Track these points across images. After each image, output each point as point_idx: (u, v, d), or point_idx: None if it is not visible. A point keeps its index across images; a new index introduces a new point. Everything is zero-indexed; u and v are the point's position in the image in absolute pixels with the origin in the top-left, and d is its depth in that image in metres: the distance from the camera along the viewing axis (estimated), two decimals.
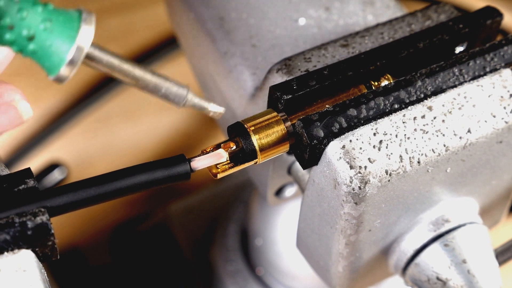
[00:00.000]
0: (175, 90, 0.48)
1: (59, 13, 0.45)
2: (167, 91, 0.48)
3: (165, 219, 0.93)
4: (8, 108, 0.48)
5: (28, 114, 0.48)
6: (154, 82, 0.48)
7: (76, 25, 0.45)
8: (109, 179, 0.49)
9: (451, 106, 0.53)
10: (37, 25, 0.44)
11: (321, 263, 0.59)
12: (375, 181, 0.51)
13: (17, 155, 1.00)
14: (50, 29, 0.45)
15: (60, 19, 0.45)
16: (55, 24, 0.45)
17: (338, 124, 0.51)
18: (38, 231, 0.46)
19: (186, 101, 0.49)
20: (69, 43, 0.45)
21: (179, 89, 0.49)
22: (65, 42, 0.45)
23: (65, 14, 0.45)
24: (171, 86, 0.48)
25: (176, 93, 0.48)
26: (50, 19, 0.45)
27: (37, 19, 0.44)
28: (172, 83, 0.48)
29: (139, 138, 1.03)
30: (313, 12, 0.63)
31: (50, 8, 0.45)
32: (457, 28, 0.56)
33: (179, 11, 0.70)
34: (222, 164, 0.52)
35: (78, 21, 0.45)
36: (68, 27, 0.45)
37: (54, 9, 0.45)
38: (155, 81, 0.48)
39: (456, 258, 0.57)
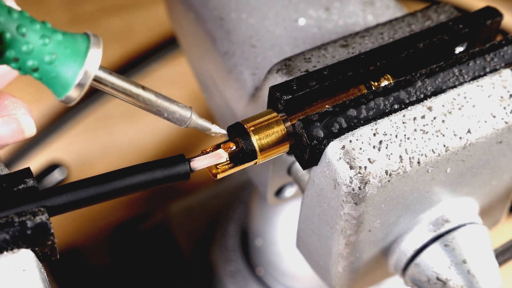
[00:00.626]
0: (180, 111, 0.49)
1: (66, 45, 0.45)
2: (171, 113, 0.49)
3: (165, 219, 0.93)
4: (10, 120, 0.48)
5: (30, 130, 0.49)
6: (159, 104, 0.48)
7: (84, 49, 0.45)
8: (109, 179, 0.49)
9: (451, 107, 0.53)
10: (43, 57, 0.45)
11: (321, 263, 0.59)
12: (375, 182, 0.51)
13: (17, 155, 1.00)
14: (57, 59, 0.45)
15: (67, 52, 0.45)
16: (61, 55, 0.45)
17: (338, 124, 0.51)
18: (37, 230, 0.46)
19: (190, 122, 0.49)
20: (76, 68, 0.45)
21: (183, 110, 0.49)
22: (72, 68, 0.45)
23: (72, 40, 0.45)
24: (175, 107, 0.49)
25: (181, 114, 0.49)
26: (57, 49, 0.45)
27: (44, 51, 0.45)
28: (177, 104, 0.49)
29: (139, 138, 1.03)
30: (313, 12, 0.63)
31: (59, 39, 0.45)
32: (457, 28, 0.56)
33: (179, 11, 0.70)
34: (222, 164, 0.52)
35: (86, 45, 0.45)
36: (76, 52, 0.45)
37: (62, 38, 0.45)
38: (160, 103, 0.48)
39: (456, 258, 0.57)
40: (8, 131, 0.48)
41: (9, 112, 0.48)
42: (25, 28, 0.44)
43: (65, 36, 0.45)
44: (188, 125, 0.50)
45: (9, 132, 0.48)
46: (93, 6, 1.11)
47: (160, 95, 0.49)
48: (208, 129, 0.51)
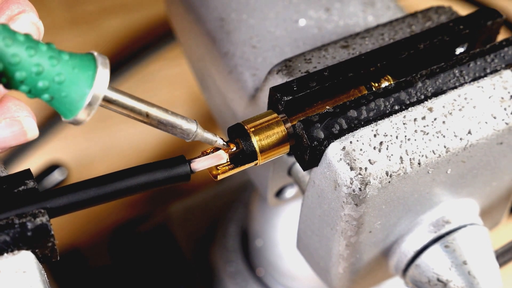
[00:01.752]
0: (185, 126, 0.49)
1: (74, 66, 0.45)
2: (177, 128, 0.49)
3: (165, 220, 0.93)
4: (13, 122, 0.48)
5: (32, 133, 0.48)
6: (165, 120, 0.48)
7: (91, 69, 0.45)
8: (109, 180, 0.49)
9: (451, 107, 0.53)
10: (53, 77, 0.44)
11: (321, 264, 0.59)
12: (375, 183, 0.51)
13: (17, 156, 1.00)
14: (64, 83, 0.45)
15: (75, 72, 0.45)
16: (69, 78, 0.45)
17: (338, 125, 0.51)
18: (38, 232, 0.46)
19: (195, 135, 0.50)
20: (84, 92, 0.45)
21: (188, 124, 0.49)
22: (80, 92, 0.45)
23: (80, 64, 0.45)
24: (181, 122, 0.49)
25: (186, 129, 0.49)
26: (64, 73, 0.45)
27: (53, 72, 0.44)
28: (182, 119, 0.49)
29: (139, 139, 1.03)
30: (313, 13, 0.63)
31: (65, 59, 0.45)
32: (458, 29, 0.56)
33: (179, 12, 0.70)
34: (222, 166, 0.52)
35: (93, 65, 0.45)
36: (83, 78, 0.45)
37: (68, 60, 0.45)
38: (166, 119, 0.48)
39: (456, 259, 0.57)
40: (11, 133, 0.48)
41: (11, 114, 0.48)
42: (33, 50, 0.44)
43: (71, 57, 0.45)
44: (194, 139, 0.50)
45: (11, 134, 0.48)
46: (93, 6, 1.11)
47: (166, 110, 0.49)
48: (212, 141, 0.51)
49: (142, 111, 0.48)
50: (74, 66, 0.45)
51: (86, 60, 0.45)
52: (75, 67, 0.45)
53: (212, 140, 0.51)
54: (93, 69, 0.45)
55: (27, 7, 0.48)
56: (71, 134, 1.02)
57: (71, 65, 0.45)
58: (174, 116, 0.49)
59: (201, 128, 0.50)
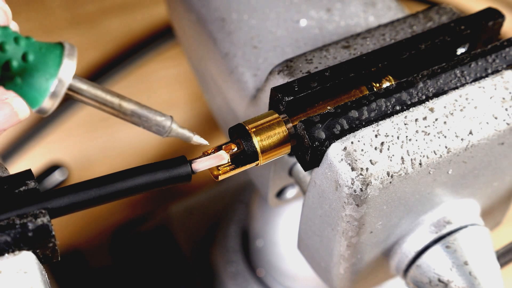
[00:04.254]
0: (159, 120, 0.48)
1: (41, 47, 0.45)
2: (150, 122, 0.48)
3: (166, 220, 0.93)
4: (2, 105, 0.47)
5: (24, 112, 0.48)
6: (138, 113, 0.48)
7: (58, 58, 0.45)
8: (110, 181, 0.48)
9: (452, 108, 0.53)
10: (19, 60, 0.44)
11: (322, 264, 0.59)
12: (376, 183, 0.51)
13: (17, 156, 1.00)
14: (32, 64, 0.45)
15: (42, 53, 0.45)
16: (37, 58, 0.45)
17: (339, 125, 0.51)
18: (39, 232, 0.46)
19: (170, 131, 0.49)
20: (50, 77, 0.45)
21: (163, 119, 0.48)
22: (46, 76, 0.45)
23: (47, 47, 0.45)
24: (154, 116, 0.48)
25: (160, 123, 0.48)
26: (32, 53, 0.45)
27: (19, 54, 0.44)
28: (156, 113, 0.48)
29: (140, 139, 1.03)
30: (314, 13, 0.63)
31: (32, 42, 0.45)
32: (459, 30, 0.56)
33: (180, 12, 0.70)
34: (224, 166, 0.51)
35: (60, 55, 0.45)
36: (50, 61, 0.45)
37: (36, 43, 0.45)
38: (138, 111, 0.48)
39: (457, 260, 0.57)
40: (2, 116, 0.47)
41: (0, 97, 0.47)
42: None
43: (38, 44, 0.45)
44: (169, 135, 0.49)
45: (3, 117, 0.47)
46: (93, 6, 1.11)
47: (139, 103, 0.48)
48: (188, 138, 0.50)
49: (115, 102, 0.47)
50: (41, 47, 0.45)
51: (53, 45, 0.45)
52: (42, 48, 0.45)
53: (188, 137, 0.50)
54: (60, 52, 0.45)
55: None
56: (72, 134, 1.02)
57: (38, 46, 0.45)
58: (147, 109, 0.48)
59: (177, 124, 0.49)
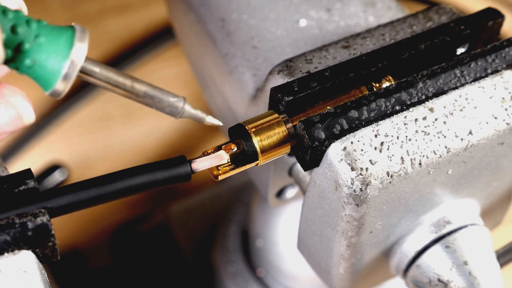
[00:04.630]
0: (172, 101, 0.48)
1: (53, 29, 0.45)
2: (163, 103, 0.48)
3: (166, 220, 0.93)
4: (8, 107, 0.47)
5: (29, 117, 0.48)
6: (150, 94, 0.48)
7: (69, 40, 0.45)
8: (110, 180, 0.48)
9: (452, 108, 0.53)
10: (31, 42, 0.44)
11: (322, 264, 0.59)
12: (376, 183, 0.51)
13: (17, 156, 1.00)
14: (44, 46, 0.45)
15: (53, 35, 0.45)
16: (48, 40, 0.45)
17: (339, 125, 0.51)
18: (38, 232, 0.46)
19: (183, 112, 0.49)
20: (63, 58, 0.45)
21: (175, 100, 0.48)
22: (59, 57, 0.45)
23: (59, 30, 0.45)
24: (167, 97, 0.48)
25: (173, 104, 0.48)
26: (44, 36, 0.45)
27: (31, 36, 0.44)
28: (169, 94, 0.48)
29: (139, 139, 1.03)
30: (314, 13, 0.63)
31: (44, 24, 0.45)
32: (459, 30, 0.56)
33: (180, 12, 0.70)
34: (223, 166, 0.51)
35: (71, 36, 0.45)
36: (62, 43, 0.45)
37: (47, 26, 0.45)
38: (151, 93, 0.48)
39: (457, 259, 0.57)
40: (6, 119, 0.47)
41: (6, 99, 0.47)
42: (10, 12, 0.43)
43: (50, 27, 0.45)
44: (182, 116, 0.49)
45: (7, 120, 0.47)
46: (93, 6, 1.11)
47: (151, 85, 0.48)
48: (202, 119, 0.50)
49: (127, 84, 0.47)
50: (53, 30, 0.45)
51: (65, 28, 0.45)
52: (54, 30, 0.45)
53: (201, 117, 0.50)
54: (72, 36, 0.45)
55: None
56: (72, 134, 1.02)
57: (50, 29, 0.45)
58: (160, 90, 0.48)
59: (190, 105, 0.49)
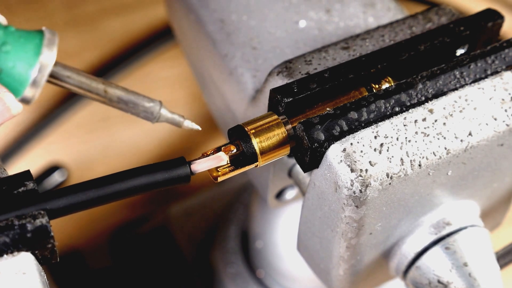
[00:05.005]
0: (147, 105, 0.48)
1: (20, 36, 0.44)
2: (138, 108, 0.47)
3: (165, 221, 0.93)
4: None
5: (16, 108, 0.47)
6: (124, 99, 0.47)
7: (37, 47, 0.44)
8: (109, 182, 0.48)
9: (452, 109, 0.53)
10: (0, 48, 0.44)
11: (322, 266, 0.59)
12: (376, 184, 0.51)
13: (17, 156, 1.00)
14: (11, 54, 0.44)
15: (20, 43, 0.44)
16: (15, 48, 0.44)
17: (339, 127, 0.51)
18: (37, 233, 0.46)
19: (159, 116, 0.48)
20: (30, 66, 0.44)
21: (150, 105, 0.48)
22: (26, 65, 0.44)
23: (26, 36, 0.45)
24: (142, 102, 0.47)
25: (148, 109, 0.48)
26: (10, 43, 0.44)
27: None
28: (144, 99, 0.47)
29: (139, 140, 1.03)
30: (313, 14, 0.63)
31: (11, 31, 0.44)
32: (458, 31, 0.56)
33: (180, 13, 0.70)
34: (223, 167, 0.51)
35: (39, 43, 0.44)
36: (29, 50, 0.44)
37: (15, 32, 0.44)
38: (125, 97, 0.47)
39: (457, 261, 0.57)
40: None
41: None
42: None
43: (18, 30, 0.45)
44: (158, 120, 0.48)
45: None
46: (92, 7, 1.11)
47: (126, 89, 0.47)
48: (179, 123, 0.49)
49: (100, 88, 0.47)
50: (21, 37, 0.44)
51: (34, 33, 0.45)
52: (21, 37, 0.44)
53: (178, 122, 0.49)
54: (40, 40, 0.44)
55: None
56: (71, 135, 1.02)
57: (17, 35, 0.44)
58: (134, 94, 0.47)
59: (166, 109, 0.48)
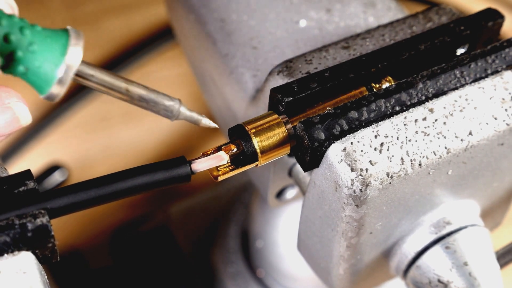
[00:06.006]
0: (167, 103, 0.48)
1: (46, 36, 0.45)
2: (158, 106, 0.48)
3: (166, 220, 0.93)
4: (4, 109, 0.47)
5: (26, 118, 0.48)
6: (145, 98, 0.47)
7: (63, 46, 0.45)
8: (110, 181, 0.48)
9: (452, 108, 0.53)
10: (24, 50, 0.44)
11: (322, 265, 0.59)
12: (376, 184, 0.51)
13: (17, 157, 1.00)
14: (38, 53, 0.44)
15: (47, 43, 0.45)
16: (42, 48, 0.44)
17: (339, 126, 0.51)
18: (38, 233, 0.46)
19: (178, 114, 0.49)
20: (56, 66, 0.45)
21: (171, 102, 0.48)
22: (52, 65, 0.45)
23: (52, 36, 0.45)
24: (162, 100, 0.48)
25: (168, 105, 0.48)
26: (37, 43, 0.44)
27: (24, 44, 0.44)
28: (164, 97, 0.48)
29: (139, 139, 1.03)
30: (314, 14, 0.63)
31: (38, 30, 0.45)
32: (459, 30, 0.56)
33: (180, 12, 0.70)
34: (223, 167, 0.51)
35: (65, 43, 0.45)
36: (55, 49, 0.45)
37: (41, 32, 0.45)
38: (146, 96, 0.47)
39: (457, 260, 0.57)
40: (3, 121, 0.47)
41: (2, 101, 0.47)
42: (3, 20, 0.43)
43: (44, 29, 0.45)
44: (178, 118, 0.49)
45: (4, 122, 0.47)
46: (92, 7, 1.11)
47: (147, 88, 0.48)
48: (197, 121, 0.50)
49: (122, 86, 0.47)
50: (47, 36, 0.45)
51: (59, 32, 0.45)
52: (48, 37, 0.45)
53: (197, 120, 0.49)
54: (66, 40, 0.45)
55: None
56: (72, 135, 1.02)
57: (43, 35, 0.44)
58: (155, 92, 0.48)
59: (185, 107, 0.49)
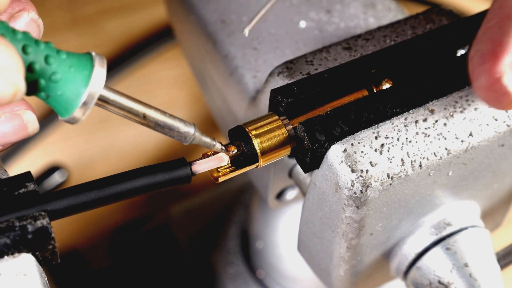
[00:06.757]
0: (183, 129, 0.49)
1: (71, 64, 0.45)
2: (174, 130, 0.49)
3: (166, 221, 0.93)
4: (13, 116, 0.47)
5: (33, 126, 0.48)
6: (162, 122, 0.48)
7: (87, 76, 0.45)
8: (110, 183, 0.48)
9: (452, 110, 0.53)
10: (47, 80, 0.44)
11: (322, 266, 0.59)
12: (376, 185, 0.50)
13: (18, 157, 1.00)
14: (60, 83, 0.45)
15: (71, 72, 0.45)
16: (65, 77, 0.45)
17: (339, 127, 0.51)
18: (38, 235, 0.46)
19: (193, 139, 0.49)
20: (78, 94, 0.45)
21: (186, 128, 0.49)
22: (75, 94, 0.45)
23: (77, 64, 0.45)
24: (178, 125, 0.49)
25: (184, 132, 0.49)
26: (61, 72, 0.45)
27: (47, 74, 0.44)
28: (180, 121, 0.49)
29: (139, 140, 1.03)
30: (314, 14, 0.63)
31: (62, 59, 0.45)
32: (459, 31, 0.56)
33: (180, 13, 0.70)
34: (223, 168, 0.51)
35: (89, 72, 0.45)
36: (79, 79, 0.45)
37: (65, 60, 0.45)
38: (163, 120, 0.48)
39: (457, 261, 0.57)
40: (11, 128, 0.47)
41: (11, 108, 0.47)
42: (30, 48, 0.44)
43: (69, 56, 0.45)
44: (191, 142, 0.50)
45: (12, 129, 0.47)
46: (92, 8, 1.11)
47: (163, 112, 0.49)
48: (210, 145, 0.51)
49: (140, 112, 0.48)
50: (71, 65, 0.45)
51: (83, 59, 0.45)
52: (71, 66, 0.45)
53: (210, 144, 0.50)
54: (90, 68, 0.45)
55: (27, 5, 0.48)
56: (72, 136, 1.02)
57: (68, 64, 0.45)
58: (171, 118, 0.49)
59: (199, 132, 0.50)
